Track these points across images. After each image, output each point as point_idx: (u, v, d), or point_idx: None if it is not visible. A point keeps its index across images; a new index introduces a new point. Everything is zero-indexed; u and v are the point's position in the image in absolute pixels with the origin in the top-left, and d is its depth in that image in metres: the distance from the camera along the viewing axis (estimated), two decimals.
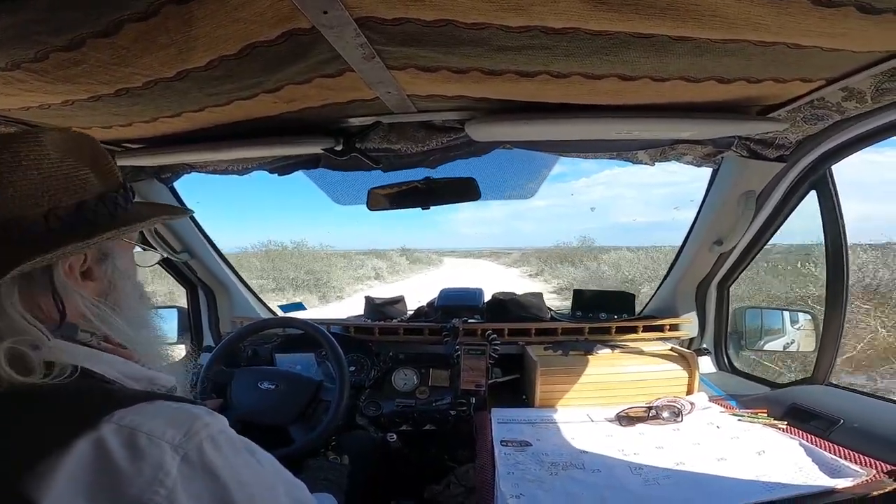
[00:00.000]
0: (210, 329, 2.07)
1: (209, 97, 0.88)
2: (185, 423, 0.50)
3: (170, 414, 0.51)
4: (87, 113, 0.93)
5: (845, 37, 0.65)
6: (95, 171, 0.61)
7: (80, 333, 0.58)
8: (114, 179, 0.64)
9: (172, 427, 0.49)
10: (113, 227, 0.59)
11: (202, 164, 1.40)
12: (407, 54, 0.72)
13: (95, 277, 0.61)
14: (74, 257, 0.58)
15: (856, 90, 0.86)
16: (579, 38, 0.66)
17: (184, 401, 0.56)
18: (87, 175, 0.59)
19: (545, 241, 46.39)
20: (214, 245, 1.91)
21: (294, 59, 0.73)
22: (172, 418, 0.50)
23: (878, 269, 5.94)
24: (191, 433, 0.49)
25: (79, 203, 0.57)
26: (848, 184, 1.30)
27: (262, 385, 1.41)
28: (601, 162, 4.94)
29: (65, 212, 0.56)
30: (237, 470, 0.51)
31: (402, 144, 1.16)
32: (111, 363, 0.57)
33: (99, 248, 0.61)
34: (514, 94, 0.92)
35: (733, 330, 1.78)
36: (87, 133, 0.64)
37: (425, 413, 1.56)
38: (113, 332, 0.61)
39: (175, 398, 0.57)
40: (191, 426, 0.50)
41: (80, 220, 0.57)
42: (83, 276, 0.60)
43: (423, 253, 34.68)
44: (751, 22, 0.60)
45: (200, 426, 0.50)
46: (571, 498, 0.97)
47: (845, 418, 1.14)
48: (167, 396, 0.56)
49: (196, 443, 0.49)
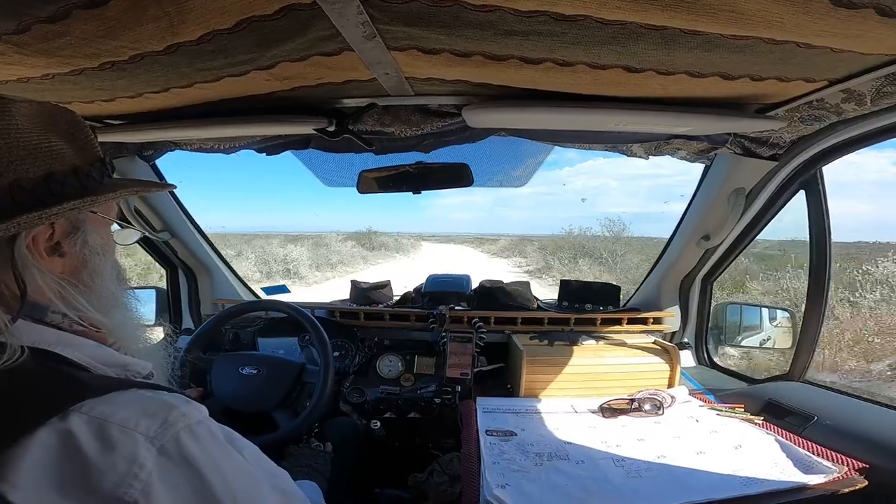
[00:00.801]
0: (190, 311, 2.02)
1: (199, 72, 0.84)
2: (160, 412, 0.48)
3: (144, 403, 0.49)
4: (68, 87, 0.88)
5: (858, 39, 0.64)
6: (72, 145, 0.58)
7: (51, 314, 0.55)
8: (91, 154, 0.60)
9: (147, 417, 0.47)
10: (83, 198, 0.56)
11: (187, 142, 1.35)
12: (410, 35, 0.69)
13: (65, 253, 0.57)
14: (40, 231, 0.54)
15: (856, 92, 0.86)
16: (589, 26, 0.64)
17: (160, 388, 0.54)
18: (61, 147, 0.56)
19: (534, 229, 43.52)
20: (196, 224, 1.86)
21: (291, 36, 0.69)
22: (147, 408, 0.48)
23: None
24: (167, 424, 0.47)
25: (47, 175, 0.54)
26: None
27: (244, 370, 1.38)
28: (585, 152, 4.86)
29: (30, 183, 0.52)
30: (218, 461, 0.49)
31: (397, 128, 1.13)
32: (82, 347, 0.55)
33: (69, 221, 0.57)
34: (514, 81, 0.90)
35: (714, 325, 1.81)
36: (66, 107, 0.60)
37: (410, 400, 1.56)
38: (76, 314, 0.57)
39: (151, 386, 0.54)
40: (167, 416, 0.48)
41: (46, 192, 0.53)
42: (51, 251, 0.56)
43: (391, 237, 28.32)
44: (766, 19, 0.59)
45: (177, 416, 0.48)
46: (556, 489, 0.98)
47: (819, 415, 1.16)
48: (142, 384, 0.54)
49: (173, 434, 0.47)
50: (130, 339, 0.65)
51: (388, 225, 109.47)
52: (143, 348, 0.68)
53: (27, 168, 0.52)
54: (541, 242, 23.31)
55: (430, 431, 1.57)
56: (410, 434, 1.59)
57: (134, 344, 0.66)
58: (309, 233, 24.88)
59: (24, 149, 0.53)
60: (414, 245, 31.47)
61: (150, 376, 0.61)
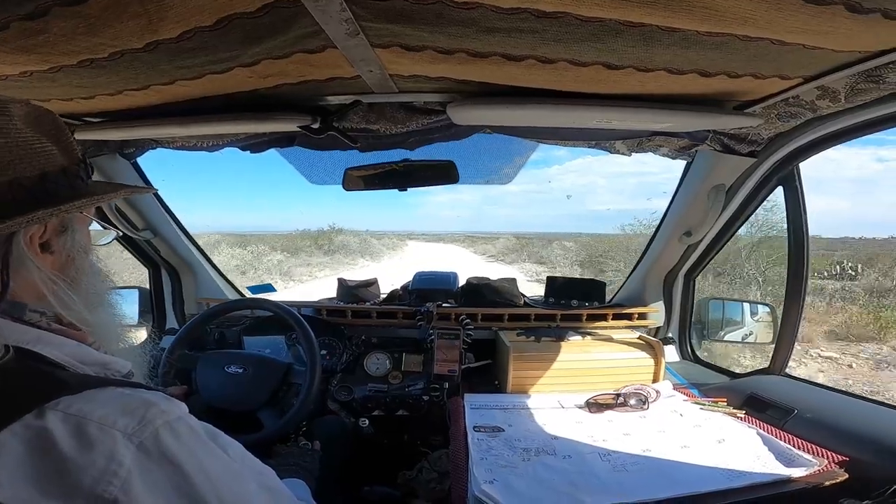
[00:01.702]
0: (174, 310, 2.00)
1: (179, 70, 0.84)
2: (138, 410, 0.48)
3: (122, 401, 0.49)
4: (46, 85, 0.87)
5: (828, 35, 0.66)
6: (57, 145, 0.59)
7: (29, 313, 0.55)
8: (74, 155, 0.61)
9: (125, 415, 0.47)
10: (75, 199, 0.57)
11: (169, 140, 1.33)
12: (393, 32, 0.70)
13: (54, 250, 0.58)
14: (35, 228, 0.55)
15: (830, 89, 0.88)
16: (569, 23, 0.65)
17: (139, 386, 0.54)
18: (51, 149, 0.58)
19: (528, 227, 39.77)
20: (179, 223, 1.84)
21: (274, 33, 0.69)
22: (125, 405, 0.48)
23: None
24: (145, 421, 0.47)
25: (42, 174, 0.55)
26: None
27: (229, 369, 1.36)
28: (574, 150, 4.82)
29: (29, 182, 0.54)
30: (199, 458, 0.49)
31: (382, 125, 1.13)
32: (61, 346, 0.54)
33: (60, 220, 0.59)
34: (498, 78, 0.91)
35: (697, 320, 1.83)
36: (45, 106, 0.60)
37: (398, 398, 1.56)
38: (66, 311, 0.58)
39: (129, 384, 0.54)
40: (145, 413, 0.48)
41: (42, 192, 0.55)
42: (43, 249, 0.57)
43: (358, 235, 23.51)
44: (740, 16, 0.60)
45: (156, 413, 0.48)
46: (543, 484, 0.99)
47: (799, 408, 1.19)
48: (120, 382, 0.54)
49: (152, 431, 0.47)
50: (111, 338, 0.65)
51: (379, 224, 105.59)
52: (122, 348, 0.68)
53: (24, 167, 0.54)
54: (580, 241, 17.34)
55: (419, 428, 1.57)
56: (399, 431, 1.59)
57: (115, 343, 0.66)
58: (257, 233, 21.12)
59: (22, 148, 0.54)
60: (395, 245, 27.01)
61: (129, 375, 0.61)
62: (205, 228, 14.53)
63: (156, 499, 0.44)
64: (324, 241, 20.27)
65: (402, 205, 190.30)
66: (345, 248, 20.47)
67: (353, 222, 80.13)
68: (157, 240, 1.83)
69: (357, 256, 19.93)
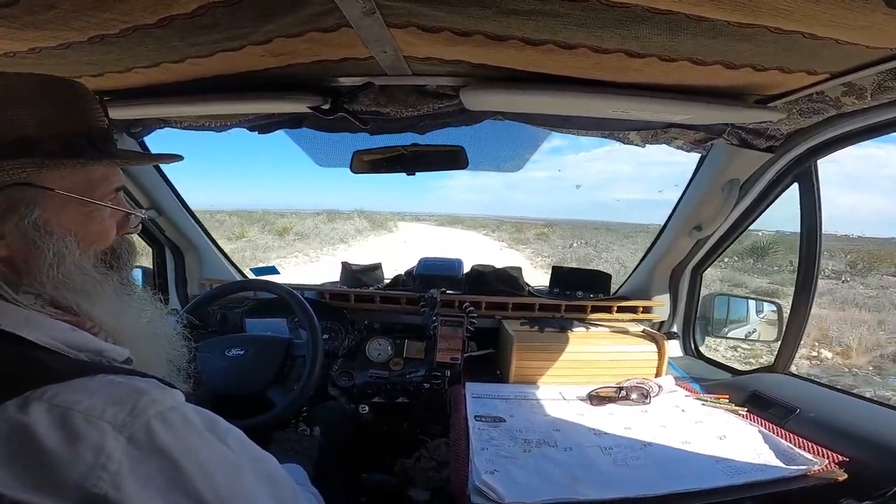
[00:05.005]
0: (177, 291, 1.99)
1: (191, 47, 0.81)
2: (129, 399, 0.46)
3: (112, 389, 0.47)
4: (55, 61, 0.85)
5: (864, 31, 0.63)
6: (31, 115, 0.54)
7: (22, 294, 0.52)
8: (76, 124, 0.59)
9: (114, 405, 0.45)
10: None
11: (178, 119, 1.31)
12: (410, 11, 0.67)
13: (4, 234, 0.53)
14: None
15: (857, 86, 0.86)
16: (594, 7, 0.62)
17: (132, 373, 0.52)
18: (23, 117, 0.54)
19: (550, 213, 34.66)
20: (184, 202, 1.82)
21: (288, 10, 0.67)
22: (115, 395, 0.46)
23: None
24: (136, 411, 0.45)
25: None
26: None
27: (230, 352, 1.36)
28: (596, 139, 4.75)
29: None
30: (194, 450, 0.47)
31: (393, 108, 1.11)
32: (51, 329, 0.52)
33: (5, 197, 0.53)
34: (515, 63, 0.88)
35: (702, 315, 1.82)
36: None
37: (399, 385, 1.55)
38: (59, 296, 0.54)
39: (122, 370, 0.52)
40: (136, 403, 0.46)
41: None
42: None
43: (348, 214, 22.21)
44: (774, 7, 0.58)
45: (147, 403, 0.46)
46: (544, 475, 0.99)
47: (802, 407, 1.18)
48: (113, 369, 0.52)
49: (143, 422, 0.45)
50: (121, 329, 0.61)
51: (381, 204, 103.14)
52: (140, 335, 0.64)
53: None
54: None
55: (419, 416, 1.57)
56: (398, 419, 1.59)
57: (128, 334, 0.61)
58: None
59: None
60: (390, 225, 24.61)
61: (128, 362, 0.59)
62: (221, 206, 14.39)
63: (149, 494, 0.43)
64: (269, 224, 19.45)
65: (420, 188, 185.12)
66: (302, 235, 18.78)
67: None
68: (161, 219, 1.81)
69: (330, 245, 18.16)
